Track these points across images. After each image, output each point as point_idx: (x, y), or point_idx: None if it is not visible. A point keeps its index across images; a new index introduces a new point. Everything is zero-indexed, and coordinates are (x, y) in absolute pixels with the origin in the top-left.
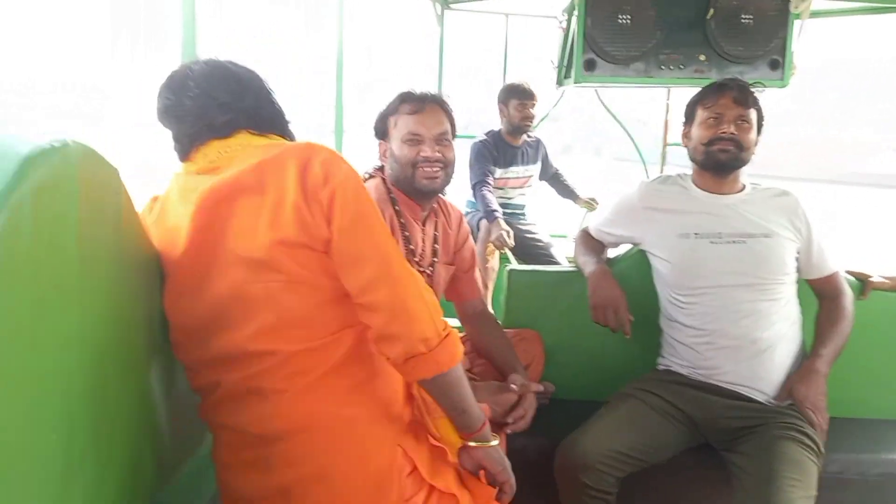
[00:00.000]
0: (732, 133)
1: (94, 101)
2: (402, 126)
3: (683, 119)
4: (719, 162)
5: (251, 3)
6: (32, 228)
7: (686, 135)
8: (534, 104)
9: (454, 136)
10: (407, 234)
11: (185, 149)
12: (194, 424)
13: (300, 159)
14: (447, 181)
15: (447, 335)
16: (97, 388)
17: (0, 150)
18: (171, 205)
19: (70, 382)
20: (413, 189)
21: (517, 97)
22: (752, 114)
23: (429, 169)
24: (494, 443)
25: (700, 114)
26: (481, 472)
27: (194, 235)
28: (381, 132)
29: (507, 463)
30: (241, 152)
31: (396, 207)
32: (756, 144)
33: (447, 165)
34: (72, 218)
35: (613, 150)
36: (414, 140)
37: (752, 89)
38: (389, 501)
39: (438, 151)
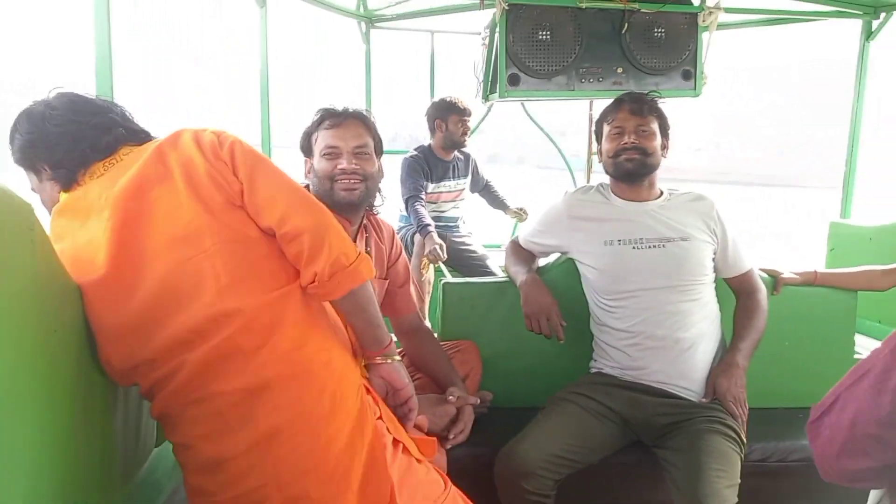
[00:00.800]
0: (634, 142)
1: None
2: (321, 141)
3: (595, 138)
4: (627, 171)
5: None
6: None
7: (599, 151)
8: (470, 119)
9: (379, 151)
10: None
11: (71, 175)
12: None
13: (190, 134)
14: (368, 194)
15: (359, 252)
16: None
17: None
18: (72, 229)
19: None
20: (334, 203)
21: (457, 113)
22: (653, 122)
23: (346, 181)
24: (398, 359)
25: (605, 129)
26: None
27: (115, 239)
28: (306, 149)
29: (410, 379)
30: (132, 159)
31: None
32: (665, 149)
33: (367, 178)
34: None
35: (536, 160)
36: (332, 153)
37: (653, 98)
38: (366, 439)
39: (356, 164)
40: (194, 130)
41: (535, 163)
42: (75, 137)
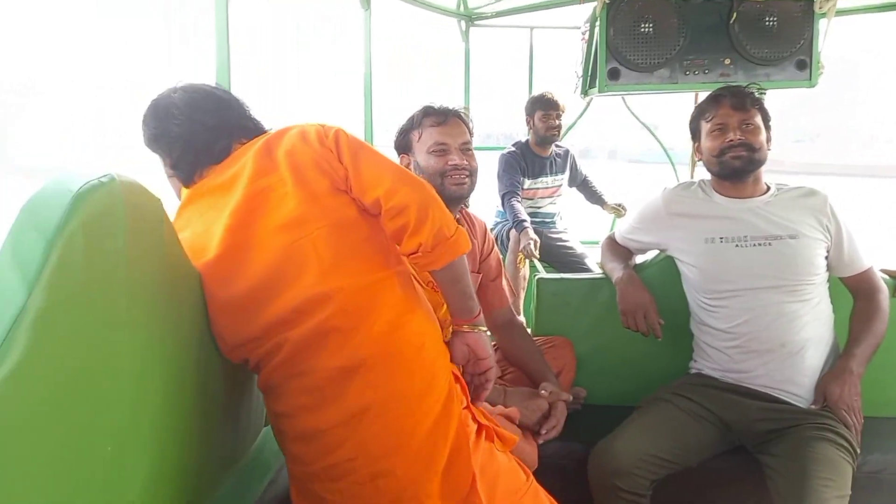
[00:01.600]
0: (740, 138)
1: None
2: (427, 138)
3: (692, 137)
4: (735, 169)
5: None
6: (84, 261)
7: (697, 150)
8: (559, 114)
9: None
10: None
11: (189, 175)
12: (242, 432)
13: (296, 129)
14: (472, 188)
15: (458, 226)
16: (147, 404)
17: (54, 187)
18: (191, 220)
19: (120, 400)
20: (442, 197)
21: (541, 108)
22: (756, 115)
23: (457, 176)
24: (484, 329)
25: (704, 127)
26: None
27: (228, 226)
28: (403, 146)
29: (493, 352)
30: (240, 153)
31: None
32: (769, 142)
33: (472, 173)
34: (119, 249)
35: (628, 154)
36: (441, 150)
37: (751, 91)
38: (452, 425)
39: (464, 159)
40: (300, 125)
41: (627, 157)
42: (190, 141)
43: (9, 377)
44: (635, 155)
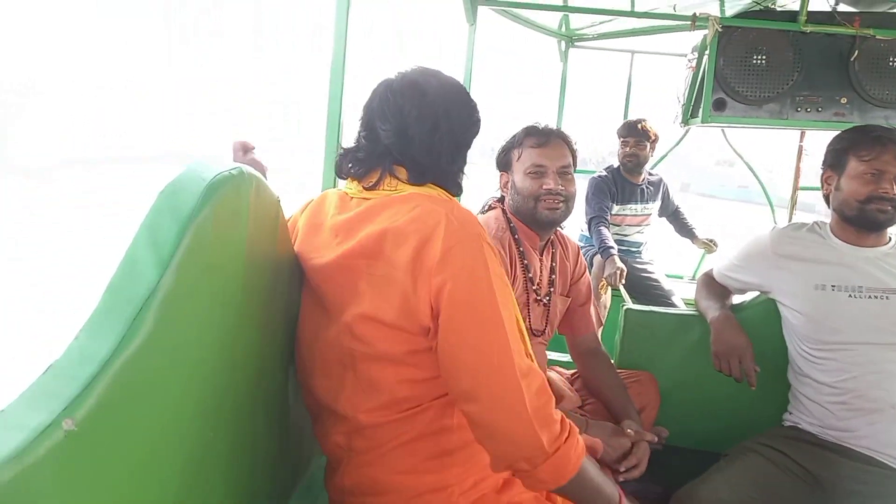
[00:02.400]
0: (894, 195)
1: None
2: (525, 158)
3: (827, 164)
4: (875, 222)
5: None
6: (212, 246)
7: (829, 181)
8: (638, 141)
9: (574, 170)
10: (526, 262)
11: (360, 170)
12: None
13: (422, 235)
14: (567, 214)
15: (557, 449)
16: (241, 390)
17: (189, 175)
18: (324, 221)
19: (228, 385)
20: (534, 220)
21: (621, 135)
22: None
23: (551, 201)
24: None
25: (854, 166)
26: None
27: (325, 282)
28: (504, 164)
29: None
30: (382, 202)
31: (516, 236)
32: None
33: (568, 199)
34: (241, 238)
35: (700, 187)
36: (538, 172)
37: None
38: None
39: (561, 185)
40: (428, 234)
41: (699, 190)
42: (386, 146)
43: (137, 353)
44: (707, 189)
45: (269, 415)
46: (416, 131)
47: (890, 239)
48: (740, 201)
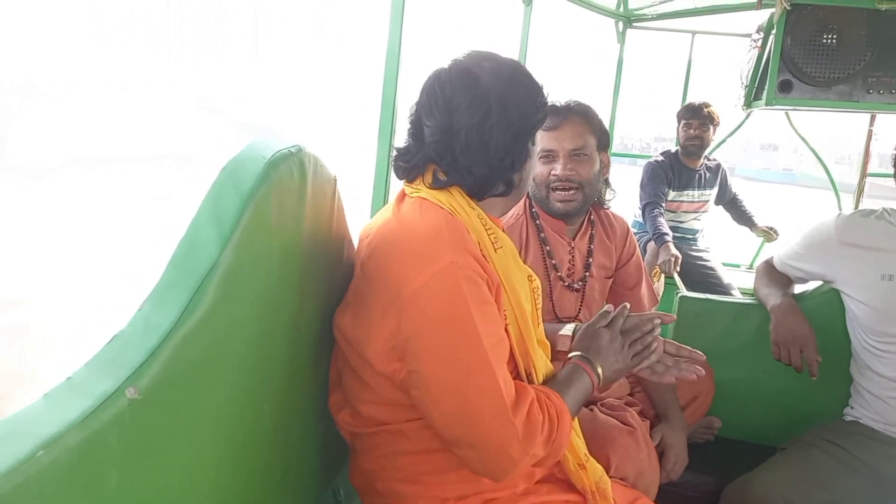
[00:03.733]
0: None
1: None
2: (539, 142)
3: None
4: None
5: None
6: (274, 222)
7: None
8: (702, 124)
9: (605, 146)
10: (549, 248)
11: (403, 174)
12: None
13: (405, 273)
14: (586, 202)
15: (551, 443)
16: (296, 366)
17: (249, 153)
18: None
19: (282, 363)
20: (550, 211)
21: (683, 117)
22: None
23: (562, 192)
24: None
25: None
26: None
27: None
28: None
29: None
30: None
31: (538, 222)
32: None
33: (583, 185)
34: (300, 214)
35: (745, 171)
36: (548, 157)
37: None
38: None
39: (571, 169)
40: (412, 273)
41: (744, 174)
42: (413, 142)
43: (198, 325)
44: (752, 173)
45: (318, 394)
46: (463, 124)
47: None
48: (784, 184)
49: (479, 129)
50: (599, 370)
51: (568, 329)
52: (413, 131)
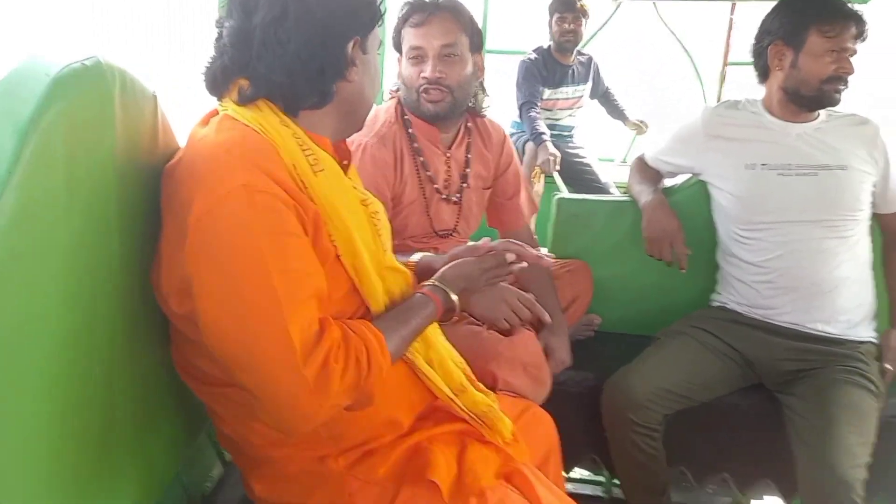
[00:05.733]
0: (850, 72)
1: None
2: (406, 40)
3: (779, 36)
4: (831, 102)
5: None
6: (65, 156)
7: (780, 56)
8: (576, 17)
9: (476, 46)
10: (422, 159)
11: (208, 87)
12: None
13: (190, 198)
14: (456, 104)
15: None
16: (127, 326)
17: (27, 70)
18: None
19: (105, 322)
20: (421, 114)
21: (558, 10)
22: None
23: (433, 93)
24: (454, 298)
25: (817, 42)
26: None
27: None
28: (397, 46)
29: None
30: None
31: (410, 131)
32: None
33: (453, 88)
34: (108, 145)
35: (648, 70)
36: (416, 57)
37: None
38: None
39: (441, 71)
40: (204, 194)
41: (647, 73)
42: (214, 50)
43: None
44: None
45: (153, 360)
46: (258, 22)
47: (819, 114)
48: (687, 80)
49: (274, 29)
50: (454, 297)
51: (415, 258)
52: (216, 38)
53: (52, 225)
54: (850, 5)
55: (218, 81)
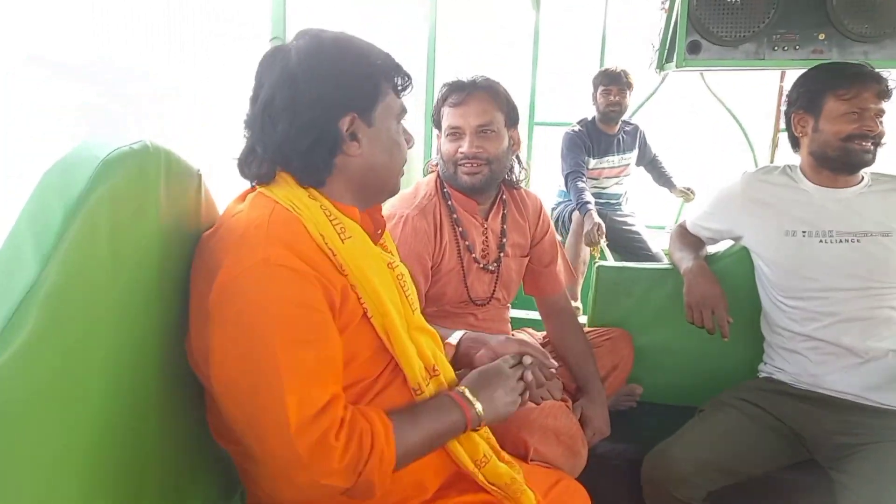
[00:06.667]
0: (879, 131)
1: None
2: (445, 119)
3: (799, 106)
4: (859, 161)
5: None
6: (109, 234)
7: (802, 124)
8: (620, 90)
9: (512, 121)
10: (461, 229)
11: (246, 173)
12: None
13: (217, 270)
14: (493, 177)
15: (359, 476)
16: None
17: (80, 153)
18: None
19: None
20: (459, 186)
21: (602, 83)
22: (887, 106)
23: (469, 167)
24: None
25: (834, 106)
26: None
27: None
28: (437, 123)
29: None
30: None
31: (450, 203)
32: None
33: (490, 161)
34: (152, 224)
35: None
36: (454, 134)
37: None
38: None
39: (479, 147)
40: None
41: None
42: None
43: (16, 355)
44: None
45: (189, 423)
46: (259, 109)
47: (862, 178)
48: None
49: (268, 112)
50: (480, 409)
51: (454, 338)
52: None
53: (96, 294)
54: (868, 67)
55: (243, 165)
